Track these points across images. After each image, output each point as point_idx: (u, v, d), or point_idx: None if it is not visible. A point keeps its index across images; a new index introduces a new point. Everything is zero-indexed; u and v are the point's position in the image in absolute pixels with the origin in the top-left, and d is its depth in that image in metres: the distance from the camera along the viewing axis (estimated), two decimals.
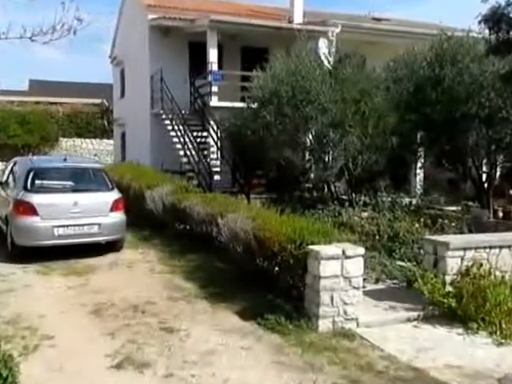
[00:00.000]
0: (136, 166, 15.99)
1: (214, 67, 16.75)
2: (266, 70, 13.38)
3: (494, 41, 11.52)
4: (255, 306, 6.76)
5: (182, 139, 16.22)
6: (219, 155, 16.43)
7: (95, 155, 33.06)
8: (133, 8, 21.38)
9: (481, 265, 6.76)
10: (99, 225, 9.50)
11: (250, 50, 18.60)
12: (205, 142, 16.94)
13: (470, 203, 14.13)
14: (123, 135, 23.98)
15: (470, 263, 6.82)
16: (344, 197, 12.89)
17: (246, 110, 14.18)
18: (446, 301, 6.29)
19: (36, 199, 9.23)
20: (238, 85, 17.57)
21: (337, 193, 13.38)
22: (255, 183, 15.84)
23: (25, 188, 9.47)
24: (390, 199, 12.90)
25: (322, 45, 16.13)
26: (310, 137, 12.66)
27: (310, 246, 6.24)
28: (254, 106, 13.63)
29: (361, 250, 6.19)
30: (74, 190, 9.76)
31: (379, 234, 9.54)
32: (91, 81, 44.69)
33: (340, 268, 6.06)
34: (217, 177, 16.15)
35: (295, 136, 12.55)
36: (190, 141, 15.70)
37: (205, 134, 17.01)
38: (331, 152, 12.21)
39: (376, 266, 8.19)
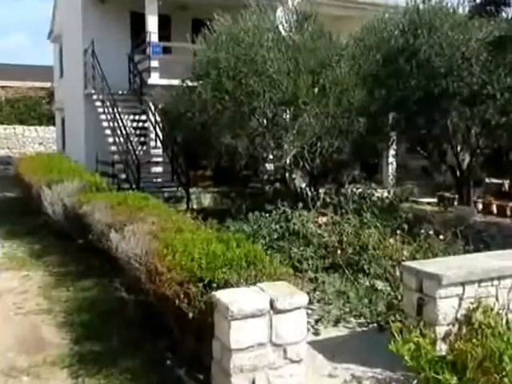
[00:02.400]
0: (55, 157, 13.30)
1: (154, 38, 13.88)
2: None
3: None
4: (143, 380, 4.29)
5: (111, 124, 13.56)
6: (159, 143, 13.79)
7: (40, 143, 30.29)
8: None
9: (491, 309, 4.40)
10: None
11: (202, 23, 15.93)
12: (144, 128, 14.35)
13: (447, 194, 11.93)
14: (63, 121, 21.14)
15: (473, 305, 4.46)
16: (308, 191, 10.40)
17: (182, 88, 11.57)
18: (440, 377, 3.89)
19: None
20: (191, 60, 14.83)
21: (296, 187, 10.92)
22: (199, 176, 13.32)
23: None
24: (358, 193, 10.62)
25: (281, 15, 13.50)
26: (257, 118, 10.09)
27: (218, 293, 3.76)
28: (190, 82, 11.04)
29: (301, 299, 3.74)
30: None
31: (342, 247, 7.12)
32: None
33: (267, 331, 3.62)
34: (158, 168, 13.68)
35: (237, 117, 9.99)
36: (119, 126, 13.01)
37: (143, 117, 14.37)
38: (283, 137, 9.71)
39: (335, 301, 5.80)
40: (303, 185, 11.11)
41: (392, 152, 12.59)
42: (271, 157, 10.25)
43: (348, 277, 6.48)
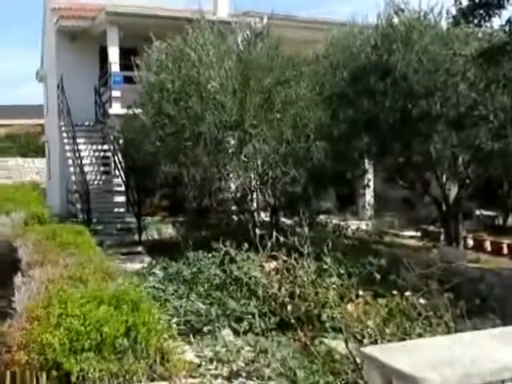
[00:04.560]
0: (20, 187, 12.78)
1: (115, 68, 13.49)
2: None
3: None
4: None
5: (71, 154, 12.94)
6: (118, 172, 13.00)
7: (37, 173, 31.31)
8: (47, 16, 18.53)
9: None
10: None
11: None
12: (106, 157, 13.74)
13: (431, 228, 10.44)
14: (48, 152, 21.22)
15: None
16: (256, 230, 9.02)
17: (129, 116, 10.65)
18: None
19: None
20: None
21: (254, 221, 9.60)
22: (158, 205, 12.34)
23: None
24: (332, 226, 9.31)
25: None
26: (203, 144, 8.92)
27: None
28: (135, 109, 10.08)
29: None
30: None
31: (293, 302, 5.58)
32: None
33: None
34: (120, 198, 12.86)
35: (180, 144, 8.86)
36: (76, 157, 12.28)
37: (106, 147, 13.65)
38: (227, 166, 8.53)
39: None
40: (265, 218, 9.85)
41: (367, 181, 11.15)
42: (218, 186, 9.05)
43: (300, 340, 5.05)
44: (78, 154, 12.41)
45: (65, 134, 13.98)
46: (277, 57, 9.10)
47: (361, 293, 5.51)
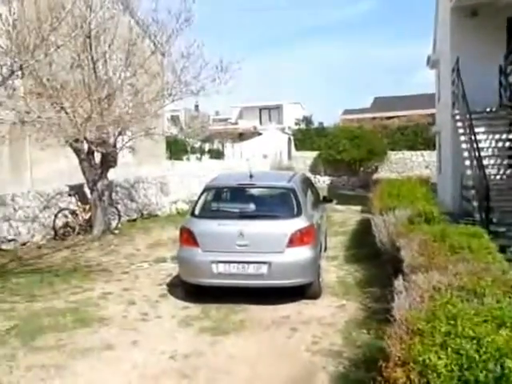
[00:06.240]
0: (406, 182, 12.77)
1: None
2: None
3: None
4: None
5: (468, 145, 12.32)
6: None
7: (426, 167, 31.13)
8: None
9: None
10: (269, 264, 7.05)
11: None
12: None
13: None
14: (439, 145, 20.94)
15: None
16: None
17: None
18: None
19: (197, 226, 7.41)
20: None
21: None
22: None
23: (192, 211, 7.81)
24: None
25: None
26: None
27: None
28: None
29: None
30: (243, 217, 7.51)
31: None
32: None
33: None
34: None
35: None
36: (473, 148, 11.60)
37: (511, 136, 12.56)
38: None
39: None
40: None
41: None
42: None
43: None
44: (475, 145, 11.47)
45: (459, 124, 13.16)
46: None
47: None
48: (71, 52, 10.07)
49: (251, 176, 7.90)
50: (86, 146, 12.24)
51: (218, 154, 37.09)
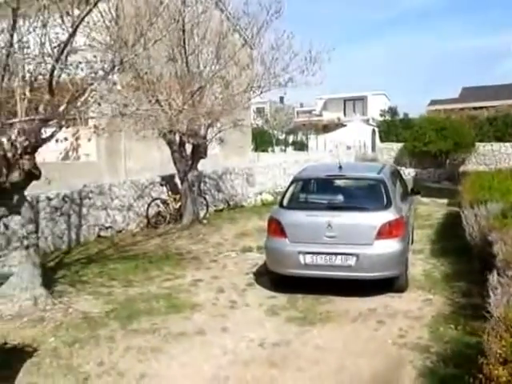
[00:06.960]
0: (498, 174, 12.20)
1: None
2: None
3: None
4: None
5: None
6: None
7: None
8: None
9: None
10: (357, 256, 7.02)
11: None
12: None
13: None
14: None
15: None
16: None
17: None
18: None
19: (285, 217, 7.50)
20: None
21: None
22: None
23: (280, 202, 7.91)
24: None
25: None
26: None
27: None
28: None
29: None
30: (332, 208, 7.52)
31: None
32: None
33: None
34: None
35: None
36: None
37: None
38: None
39: None
40: None
41: None
42: None
43: None
44: None
45: None
46: None
47: None
48: (166, 46, 10.50)
49: (340, 167, 7.89)
50: (178, 138, 12.72)
51: (301, 146, 37.13)
